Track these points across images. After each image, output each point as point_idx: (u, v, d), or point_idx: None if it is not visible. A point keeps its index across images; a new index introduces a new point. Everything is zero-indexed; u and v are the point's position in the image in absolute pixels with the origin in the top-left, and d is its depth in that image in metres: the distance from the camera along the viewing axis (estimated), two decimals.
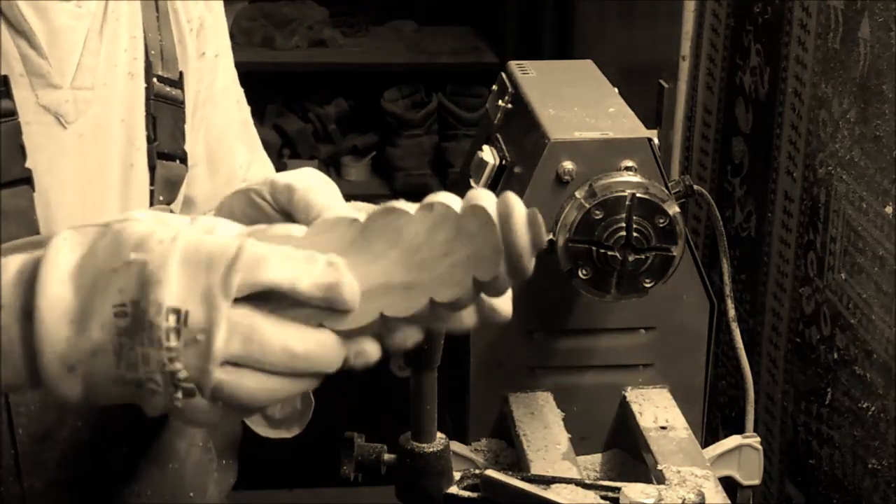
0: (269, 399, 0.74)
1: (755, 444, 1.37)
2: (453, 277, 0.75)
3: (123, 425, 1.06)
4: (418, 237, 0.76)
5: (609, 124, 1.33)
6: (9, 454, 1.02)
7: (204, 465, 1.15)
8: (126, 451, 1.07)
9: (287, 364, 0.73)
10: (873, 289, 1.39)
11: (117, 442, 1.06)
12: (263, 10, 3.72)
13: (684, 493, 1.13)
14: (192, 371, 0.72)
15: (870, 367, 1.40)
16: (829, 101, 1.50)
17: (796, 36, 1.60)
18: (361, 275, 0.75)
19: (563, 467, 1.23)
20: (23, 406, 1.01)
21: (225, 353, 0.72)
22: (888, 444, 1.36)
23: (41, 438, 1.03)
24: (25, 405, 1.01)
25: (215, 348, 0.71)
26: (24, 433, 1.02)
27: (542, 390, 1.36)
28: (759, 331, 1.74)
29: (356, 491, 1.79)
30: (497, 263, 0.74)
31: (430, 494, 1.02)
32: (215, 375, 0.72)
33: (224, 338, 0.71)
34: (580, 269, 1.24)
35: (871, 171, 1.38)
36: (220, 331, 0.71)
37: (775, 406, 1.69)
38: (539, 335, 1.35)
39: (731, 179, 1.86)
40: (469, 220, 0.75)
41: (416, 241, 0.76)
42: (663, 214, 1.23)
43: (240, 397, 0.73)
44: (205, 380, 0.72)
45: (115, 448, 1.06)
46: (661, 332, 1.36)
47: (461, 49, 3.78)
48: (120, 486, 1.07)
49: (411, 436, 1.01)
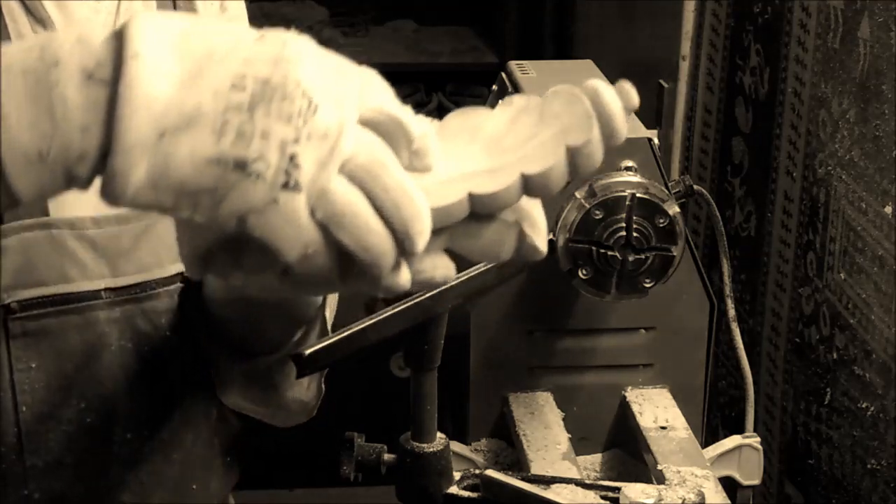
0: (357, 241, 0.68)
1: (755, 444, 1.37)
2: (543, 151, 0.71)
3: (128, 411, 1.07)
4: (499, 129, 0.73)
5: None
6: (12, 432, 1.02)
7: (208, 460, 1.16)
8: (130, 437, 1.07)
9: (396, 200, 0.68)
10: (873, 289, 1.39)
11: (122, 427, 1.06)
12: (263, 11, 3.72)
13: (684, 493, 1.13)
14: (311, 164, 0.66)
15: (869, 367, 1.40)
16: (828, 101, 1.50)
17: (796, 36, 1.60)
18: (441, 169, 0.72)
19: (563, 467, 1.23)
20: (27, 384, 1.02)
21: (349, 156, 0.67)
22: (887, 444, 1.36)
23: (45, 418, 1.03)
24: (30, 384, 1.02)
25: (342, 146, 0.67)
26: (27, 411, 1.02)
27: (542, 390, 1.36)
28: (759, 331, 1.74)
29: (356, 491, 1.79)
30: (590, 127, 0.70)
31: (430, 494, 1.02)
32: (333, 177, 0.67)
33: (352, 143, 0.67)
34: (580, 269, 1.24)
35: (871, 171, 1.39)
36: (350, 134, 0.67)
37: (775, 406, 1.69)
38: (539, 335, 1.35)
39: (731, 179, 1.86)
40: (552, 102, 0.72)
41: (497, 133, 0.73)
42: (663, 214, 1.23)
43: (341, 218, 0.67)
44: (321, 177, 0.66)
45: (119, 433, 1.07)
46: (661, 332, 1.36)
47: (461, 49, 3.78)
48: (122, 471, 1.08)
49: (411, 436, 1.01)
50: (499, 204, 0.71)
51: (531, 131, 0.72)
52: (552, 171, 0.71)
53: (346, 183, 0.68)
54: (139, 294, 1.06)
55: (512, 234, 0.74)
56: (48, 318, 1.02)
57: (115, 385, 1.05)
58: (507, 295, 1.33)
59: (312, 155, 0.66)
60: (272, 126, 0.65)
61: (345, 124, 0.67)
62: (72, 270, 1.02)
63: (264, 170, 0.65)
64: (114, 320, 1.05)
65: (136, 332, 1.06)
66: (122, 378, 1.06)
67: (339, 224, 0.68)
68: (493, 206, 0.72)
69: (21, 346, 1.01)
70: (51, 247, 1.01)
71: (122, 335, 1.05)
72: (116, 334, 1.05)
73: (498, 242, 0.74)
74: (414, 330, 0.96)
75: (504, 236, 0.74)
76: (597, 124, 0.71)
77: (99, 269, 1.03)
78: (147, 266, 1.06)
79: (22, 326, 1.01)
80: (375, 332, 0.94)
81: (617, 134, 0.71)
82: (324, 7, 3.82)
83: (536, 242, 0.75)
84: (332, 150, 0.67)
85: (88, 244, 1.03)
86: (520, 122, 0.73)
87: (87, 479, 1.06)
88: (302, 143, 0.66)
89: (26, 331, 1.01)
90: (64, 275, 1.02)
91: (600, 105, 0.71)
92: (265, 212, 0.66)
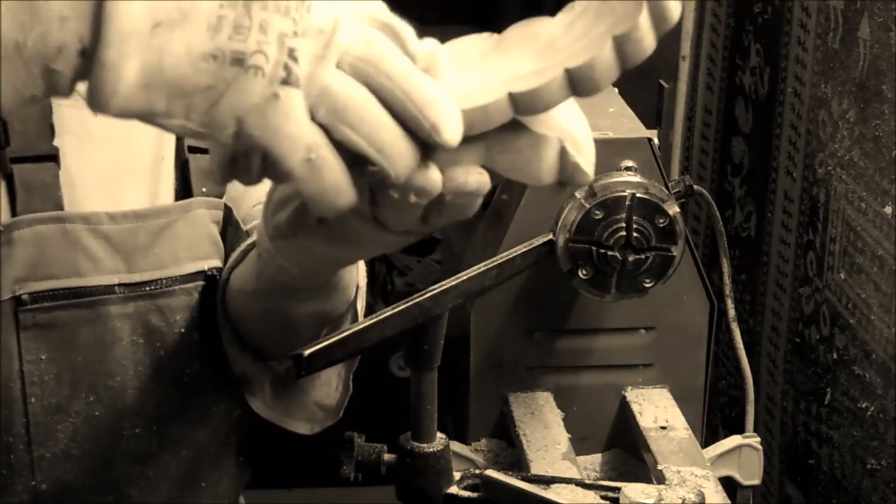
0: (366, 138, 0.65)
1: (755, 444, 1.37)
2: (590, 45, 0.66)
3: (137, 406, 1.07)
4: (556, 33, 0.69)
5: (609, 124, 1.33)
6: (20, 423, 1.02)
7: (221, 458, 1.16)
8: (139, 431, 1.07)
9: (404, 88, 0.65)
10: (872, 289, 1.39)
11: (130, 422, 1.07)
12: None
13: (684, 493, 1.13)
14: (308, 60, 0.63)
15: (869, 367, 1.40)
16: (828, 101, 1.50)
17: (796, 36, 1.60)
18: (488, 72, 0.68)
19: (563, 467, 1.23)
20: (37, 376, 1.02)
21: (347, 48, 0.65)
22: (887, 444, 1.36)
23: (53, 410, 1.03)
24: (39, 375, 1.02)
25: (338, 38, 0.64)
26: (36, 403, 1.03)
27: (542, 390, 1.36)
28: (759, 331, 1.74)
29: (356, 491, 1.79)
30: (638, 11, 0.66)
31: (430, 494, 1.02)
32: (331, 71, 0.64)
33: (348, 35, 0.65)
34: (580, 269, 1.24)
35: (871, 171, 1.39)
36: (345, 27, 0.65)
37: (775, 406, 1.69)
38: (539, 335, 1.35)
39: (731, 179, 1.86)
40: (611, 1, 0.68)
41: (553, 37, 0.69)
42: (663, 214, 1.23)
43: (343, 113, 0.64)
44: (318, 72, 0.64)
45: (127, 427, 1.07)
46: (661, 332, 1.36)
47: None
48: (129, 465, 1.08)
49: (411, 436, 1.01)
50: (543, 103, 0.67)
51: (584, 31, 0.68)
52: (597, 62, 0.66)
53: (346, 77, 0.65)
54: (154, 290, 1.06)
55: (553, 151, 0.71)
56: (59, 311, 1.02)
57: (124, 379, 1.06)
58: (507, 295, 1.33)
59: (308, 51, 0.64)
60: (270, 19, 0.63)
61: (339, 18, 0.65)
62: (85, 264, 1.03)
63: (263, 63, 0.63)
64: (126, 315, 1.05)
65: (149, 329, 1.06)
66: (132, 373, 1.06)
67: (344, 120, 0.65)
68: (537, 105, 0.67)
69: (31, 338, 1.02)
70: (64, 240, 1.02)
71: (134, 330, 1.05)
72: (128, 329, 1.05)
73: (539, 159, 0.70)
74: (414, 330, 0.96)
75: (545, 152, 0.70)
76: (646, 8, 0.66)
77: (113, 264, 1.04)
78: (164, 263, 1.06)
79: (33, 318, 1.01)
80: (375, 332, 0.94)
81: (668, 15, 0.67)
82: None
83: (580, 162, 0.71)
84: (327, 43, 0.64)
85: (103, 239, 1.03)
86: (576, 25, 0.69)
87: (94, 472, 1.06)
88: (299, 37, 0.63)
89: (37, 323, 1.02)
90: (76, 268, 1.02)
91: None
92: (265, 110, 0.64)
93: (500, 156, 0.70)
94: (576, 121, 0.73)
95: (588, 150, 0.72)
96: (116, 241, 1.04)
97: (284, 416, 1.15)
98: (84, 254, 1.02)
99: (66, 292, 1.02)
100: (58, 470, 1.05)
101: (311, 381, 1.15)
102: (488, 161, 0.70)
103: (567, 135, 0.71)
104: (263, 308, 1.04)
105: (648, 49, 0.67)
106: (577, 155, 0.71)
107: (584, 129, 0.73)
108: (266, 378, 1.14)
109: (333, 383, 1.16)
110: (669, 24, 0.67)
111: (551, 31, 0.70)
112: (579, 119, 0.73)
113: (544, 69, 0.67)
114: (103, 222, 1.03)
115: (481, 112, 0.67)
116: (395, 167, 0.66)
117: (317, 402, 1.16)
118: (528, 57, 0.69)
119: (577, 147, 0.72)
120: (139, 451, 1.08)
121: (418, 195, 0.69)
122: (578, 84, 0.67)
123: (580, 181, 0.72)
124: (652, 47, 0.67)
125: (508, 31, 0.72)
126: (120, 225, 1.04)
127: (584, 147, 0.72)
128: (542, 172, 0.71)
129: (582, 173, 0.72)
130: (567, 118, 0.72)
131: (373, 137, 0.65)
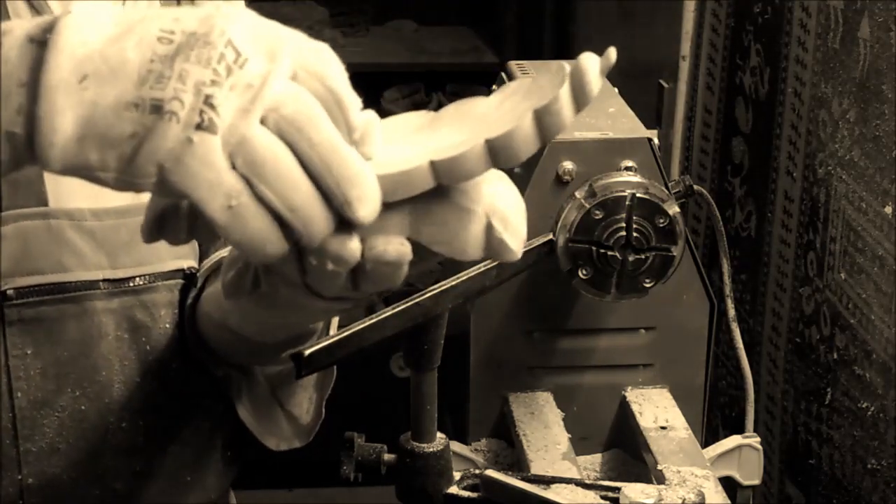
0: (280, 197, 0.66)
1: (755, 444, 1.37)
2: (513, 119, 0.68)
3: (123, 400, 1.07)
4: (488, 110, 0.71)
5: (609, 124, 1.33)
6: (6, 417, 1.03)
7: (206, 454, 1.16)
8: (125, 426, 1.08)
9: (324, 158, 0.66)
10: (873, 289, 1.39)
11: (116, 416, 1.07)
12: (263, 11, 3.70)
13: (684, 493, 1.13)
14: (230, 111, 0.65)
15: (869, 367, 1.40)
16: (828, 101, 1.50)
17: (796, 36, 1.60)
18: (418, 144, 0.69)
19: (563, 467, 1.23)
20: (22, 371, 1.03)
21: (274, 104, 0.66)
22: (887, 444, 1.36)
23: (39, 404, 1.04)
24: (25, 370, 1.03)
25: (265, 94, 0.66)
26: (22, 397, 1.03)
27: (542, 390, 1.36)
28: (759, 331, 1.74)
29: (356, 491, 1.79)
30: (559, 84, 0.68)
31: (430, 494, 1.02)
32: (253, 124, 0.65)
33: (279, 92, 0.66)
34: (580, 269, 1.24)
35: (871, 171, 1.39)
36: (277, 83, 0.66)
37: (775, 406, 1.69)
38: (539, 335, 1.35)
39: (731, 179, 1.86)
40: (540, 78, 0.69)
41: (485, 113, 0.71)
42: (663, 214, 1.23)
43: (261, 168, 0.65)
44: (241, 124, 0.65)
45: (113, 422, 1.07)
46: (661, 332, 1.36)
47: (461, 49, 3.78)
48: (115, 459, 1.08)
49: (411, 436, 1.01)
50: (463, 171, 0.68)
51: (514, 107, 0.70)
52: (516, 133, 0.67)
53: (268, 133, 0.66)
54: (137, 286, 1.06)
55: (479, 225, 0.71)
56: (44, 306, 1.03)
57: (110, 374, 1.06)
58: (507, 295, 1.33)
59: (234, 103, 0.65)
60: (189, 69, 0.65)
61: (271, 75, 0.66)
62: (69, 260, 1.03)
63: (178, 109, 0.65)
64: (111, 311, 1.05)
65: (134, 324, 1.06)
66: (117, 367, 1.06)
67: (260, 175, 0.66)
68: (457, 173, 0.68)
69: (17, 333, 1.02)
70: (48, 236, 1.02)
71: (119, 326, 1.06)
72: (113, 325, 1.06)
73: (465, 232, 0.71)
74: (414, 330, 0.96)
75: (471, 226, 0.71)
76: (567, 83, 0.68)
77: (97, 260, 1.04)
78: (146, 260, 1.07)
79: (18, 313, 1.02)
80: (375, 332, 0.94)
81: (588, 89, 0.68)
82: (324, 7, 3.82)
83: (506, 239, 0.72)
84: (253, 98, 0.66)
85: (87, 235, 1.03)
86: (506, 102, 0.71)
87: (81, 465, 1.07)
88: (223, 89, 0.65)
89: (22, 318, 1.02)
90: (61, 264, 1.03)
91: (574, 65, 0.68)
92: (181, 155, 0.65)
93: (426, 227, 0.71)
94: (506, 197, 0.73)
95: (516, 227, 0.73)
96: (100, 237, 1.04)
97: (258, 425, 1.16)
98: (69, 249, 1.03)
99: (52, 287, 1.03)
100: (44, 464, 1.05)
101: (284, 396, 1.16)
102: (413, 232, 0.71)
103: (495, 210, 0.72)
104: (232, 337, 1.04)
105: (566, 122, 0.68)
106: (503, 231, 0.72)
107: (516, 205, 0.73)
108: (243, 384, 1.14)
109: (304, 406, 1.17)
110: (589, 98, 0.68)
111: (484, 108, 0.71)
112: (511, 195, 0.73)
113: (468, 141, 0.68)
114: (87, 218, 1.03)
115: (404, 177, 0.68)
116: (309, 230, 0.67)
117: (287, 419, 1.16)
118: (459, 132, 0.70)
119: (504, 223, 0.72)
120: (125, 445, 1.08)
121: (335, 262, 0.70)
122: (497, 154, 0.68)
123: (506, 258, 0.73)
124: (570, 120, 0.68)
125: (444, 108, 0.73)
126: (103, 221, 1.04)
127: (513, 223, 0.73)
128: (467, 246, 0.72)
129: (508, 250, 0.72)
130: (497, 194, 0.72)
131: (287, 196, 0.66)
